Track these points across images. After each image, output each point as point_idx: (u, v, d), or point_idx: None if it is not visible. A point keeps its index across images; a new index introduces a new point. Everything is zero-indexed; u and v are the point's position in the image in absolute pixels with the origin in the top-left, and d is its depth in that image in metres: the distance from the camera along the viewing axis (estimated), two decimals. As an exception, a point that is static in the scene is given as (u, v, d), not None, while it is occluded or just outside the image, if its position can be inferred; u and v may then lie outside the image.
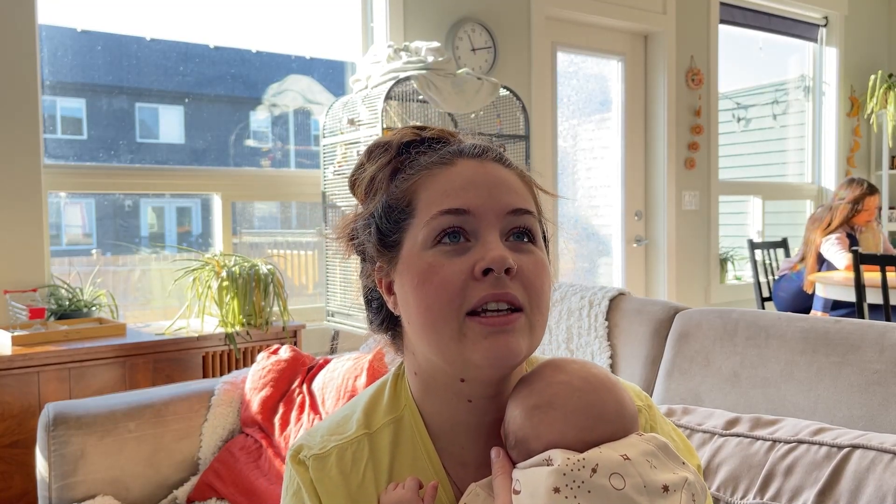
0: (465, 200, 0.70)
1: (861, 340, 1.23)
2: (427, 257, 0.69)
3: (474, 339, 0.67)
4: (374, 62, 2.86)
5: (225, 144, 3.20)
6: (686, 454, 0.78)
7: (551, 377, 0.70)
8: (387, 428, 0.77)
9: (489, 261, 0.67)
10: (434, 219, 0.70)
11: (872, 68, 5.34)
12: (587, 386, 0.69)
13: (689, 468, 0.68)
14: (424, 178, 0.73)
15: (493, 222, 0.70)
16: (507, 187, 0.72)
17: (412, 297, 0.70)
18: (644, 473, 0.64)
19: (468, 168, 0.73)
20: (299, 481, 0.75)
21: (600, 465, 0.64)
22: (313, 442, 0.77)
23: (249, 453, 1.83)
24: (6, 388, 2.09)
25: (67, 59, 2.81)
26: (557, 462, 0.64)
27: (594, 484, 0.63)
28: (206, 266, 2.59)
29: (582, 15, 3.93)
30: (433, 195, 0.71)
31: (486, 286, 0.67)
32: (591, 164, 4.29)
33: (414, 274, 0.70)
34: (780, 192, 5.20)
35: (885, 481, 1.00)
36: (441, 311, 0.68)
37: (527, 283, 0.69)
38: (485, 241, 0.69)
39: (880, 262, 3.11)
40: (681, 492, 0.65)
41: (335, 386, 1.83)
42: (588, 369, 0.71)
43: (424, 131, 0.78)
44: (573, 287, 1.86)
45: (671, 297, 4.31)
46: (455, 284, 0.67)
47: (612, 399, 0.69)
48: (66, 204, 2.88)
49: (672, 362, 1.49)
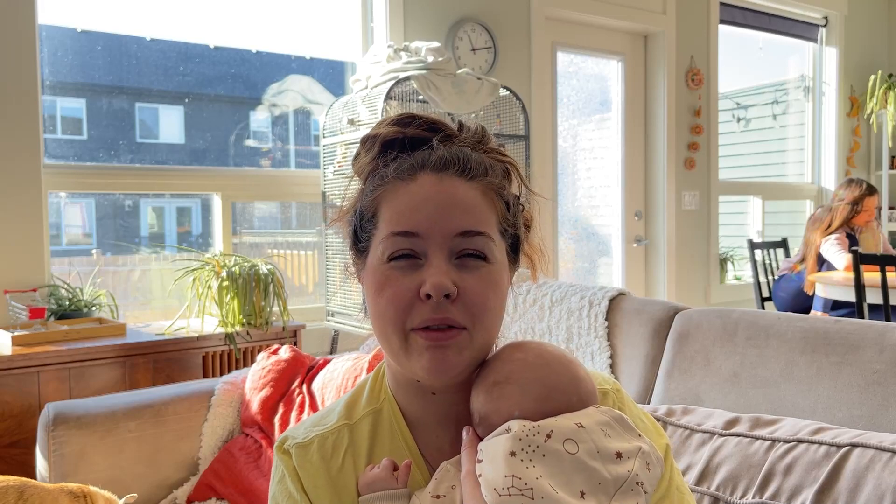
0: (415, 223, 0.73)
1: (861, 340, 1.23)
2: (384, 270, 0.74)
3: (417, 351, 0.73)
4: (374, 62, 2.86)
5: (225, 144, 3.20)
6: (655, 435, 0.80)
7: (509, 356, 0.75)
8: (366, 419, 0.82)
9: (428, 287, 0.71)
10: (388, 238, 0.74)
11: (872, 68, 5.34)
12: (541, 361, 0.74)
13: (644, 440, 0.72)
14: (388, 191, 0.77)
15: (440, 244, 0.73)
16: (460, 207, 0.74)
17: (370, 304, 0.76)
18: (598, 440, 0.68)
19: (425, 185, 0.75)
20: (283, 469, 0.80)
21: (555, 431, 0.68)
22: (297, 433, 0.82)
23: (249, 453, 1.83)
24: (6, 388, 2.09)
25: (67, 59, 2.81)
26: (514, 429, 0.68)
27: (548, 448, 0.66)
28: (206, 266, 2.59)
29: (582, 15, 3.94)
30: (391, 212, 0.75)
31: (427, 309, 0.72)
32: (591, 164, 4.29)
33: (372, 284, 0.75)
34: (780, 192, 5.20)
35: (884, 480, 1.00)
36: (391, 322, 0.73)
37: (469, 303, 0.72)
38: (430, 264, 0.73)
39: (880, 262, 3.11)
40: (634, 459, 0.68)
41: (335, 386, 1.83)
42: (544, 347, 0.76)
43: (409, 127, 0.79)
44: (573, 287, 1.86)
45: (671, 297, 4.31)
46: (403, 301, 0.72)
47: (566, 372, 0.74)
48: (66, 204, 2.88)
49: (672, 362, 1.49)
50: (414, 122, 0.80)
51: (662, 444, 0.80)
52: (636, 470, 0.67)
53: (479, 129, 0.82)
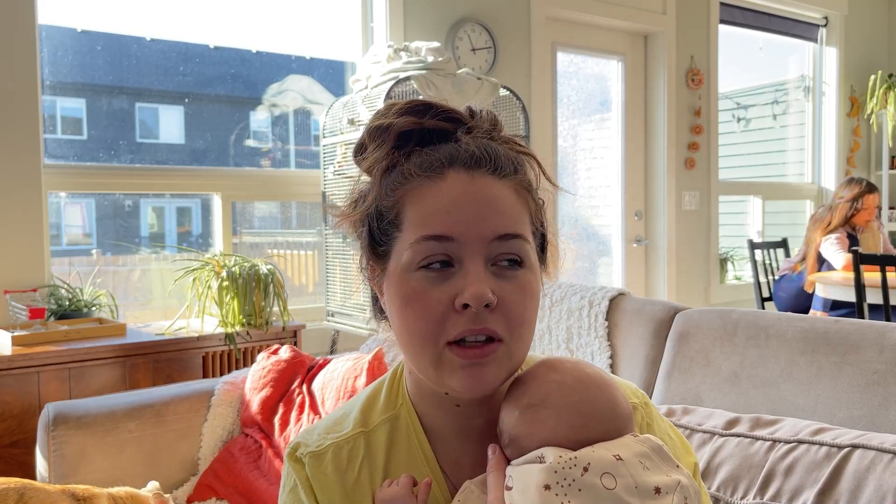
0: (449, 226, 0.68)
1: (861, 340, 1.23)
2: (412, 280, 0.69)
3: (451, 367, 0.68)
4: (374, 62, 2.86)
5: (225, 144, 3.20)
6: (682, 452, 0.78)
7: (545, 376, 0.71)
8: (383, 426, 0.77)
9: (467, 297, 0.66)
10: (418, 243, 0.68)
11: (872, 68, 5.34)
12: (580, 385, 0.70)
13: (682, 471, 0.68)
14: (413, 190, 0.70)
15: (477, 249, 0.68)
16: (495, 209, 0.69)
17: (396, 316, 0.71)
18: (636, 474, 0.64)
19: (457, 185, 0.69)
20: (296, 478, 0.76)
21: (592, 463, 0.64)
22: (310, 440, 0.78)
23: (249, 454, 1.83)
24: (6, 388, 2.09)
25: (67, 59, 2.81)
26: (549, 459, 0.64)
27: (585, 483, 0.63)
28: (206, 266, 2.59)
29: (582, 15, 3.93)
30: (419, 214, 0.69)
31: (464, 320, 0.67)
32: (591, 164, 4.29)
33: (397, 295, 0.70)
34: (780, 192, 5.20)
35: (885, 481, 1.00)
36: (423, 336, 0.68)
37: (508, 313, 0.68)
38: (467, 272, 0.67)
39: (880, 262, 3.11)
40: (673, 494, 0.65)
41: (335, 386, 1.83)
42: (581, 368, 0.71)
43: (426, 116, 0.73)
44: (573, 287, 1.86)
45: (671, 297, 4.31)
46: (436, 313, 0.67)
47: (604, 398, 0.69)
48: (66, 204, 2.88)
49: (672, 362, 1.49)
50: (431, 111, 0.73)
51: (691, 463, 0.78)
52: None
53: (491, 115, 0.76)
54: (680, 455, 0.77)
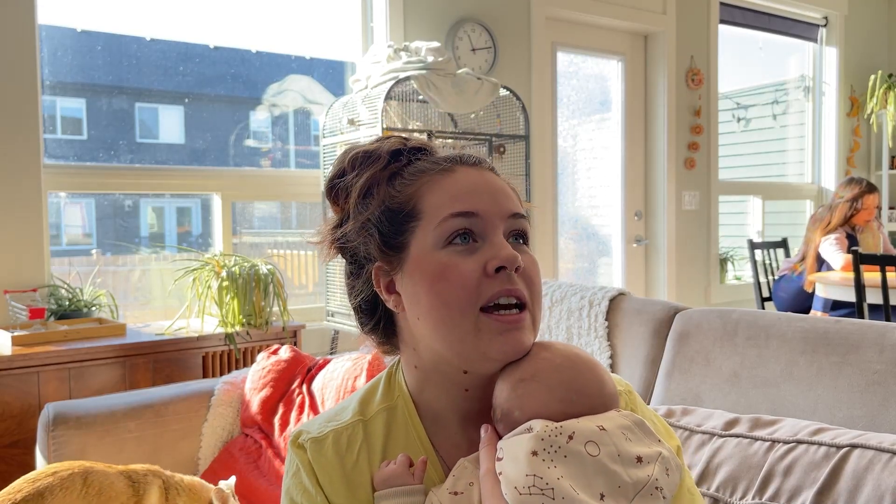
0: (473, 204, 0.75)
1: (861, 340, 1.23)
2: (440, 257, 0.74)
3: (490, 335, 0.73)
4: (374, 62, 2.86)
5: (225, 144, 3.20)
6: (665, 436, 0.81)
7: (537, 354, 0.75)
8: (380, 415, 0.82)
9: (502, 259, 0.73)
10: (445, 220, 0.75)
11: (872, 68, 5.34)
12: (569, 363, 0.74)
13: (664, 445, 0.72)
14: (427, 184, 0.78)
15: (497, 224, 0.76)
16: (504, 193, 0.79)
17: (425, 295, 0.75)
18: (619, 444, 0.68)
19: (469, 175, 0.78)
20: (298, 463, 0.80)
21: (577, 432, 0.68)
22: (312, 428, 0.82)
23: (249, 454, 1.83)
24: (6, 388, 2.09)
25: (67, 59, 2.81)
26: (537, 429, 0.68)
27: (570, 449, 0.67)
28: (206, 266, 2.59)
29: (582, 15, 3.93)
30: (440, 199, 0.76)
31: (498, 282, 0.73)
32: (591, 164, 4.29)
33: (427, 273, 0.75)
34: (780, 192, 5.20)
35: (884, 481, 1.00)
36: (458, 306, 0.73)
37: (529, 280, 0.75)
38: (492, 242, 0.75)
39: (880, 262, 3.11)
40: (654, 464, 0.68)
41: (335, 386, 1.83)
42: (571, 349, 0.76)
43: (408, 140, 0.83)
44: (573, 287, 1.86)
45: (671, 297, 4.31)
46: (471, 280, 0.73)
47: (592, 376, 0.74)
48: (66, 204, 2.88)
49: (672, 362, 1.49)
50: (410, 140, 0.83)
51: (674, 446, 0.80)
52: (656, 475, 0.68)
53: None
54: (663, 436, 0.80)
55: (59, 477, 1.40)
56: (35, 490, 1.36)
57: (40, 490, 1.37)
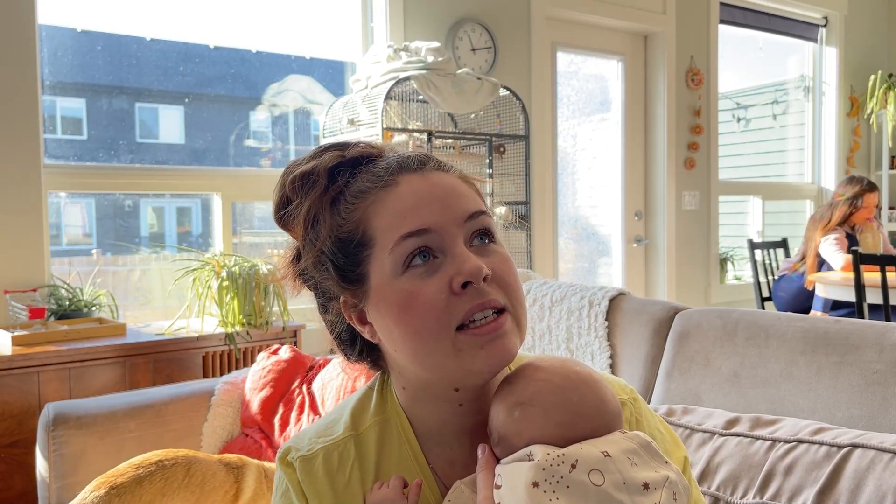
0: (423, 219, 0.69)
1: (861, 340, 1.23)
2: (402, 284, 0.69)
3: (471, 351, 0.68)
4: (374, 62, 2.86)
5: (225, 144, 3.20)
6: (672, 446, 0.78)
7: (532, 375, 0.71)
8: (373, 429, 0.78)
9: (466, 274, 0.67)
10: (398, 245, 0.69)
11: (872, 68, 5.34)
12: (567, 382, 0.70)
13: (671, 467, 0.68)
14: (373, 205, 0.72)
15: (455, 233, 0.70)
16: (456, 194, 0.72)
17: (395, 326, 0.70)
18: (624, 470, 0.65)
19: (413, 184, 0.72)
20: (287, 482, 0.77)
21: (580, 460, 0.64)
22: (301, 444, 0.78)
23: (249, 454, 1.82)
24: (6, 388, 2.09)
25: (67, 59, 2.81)
26: (537, 457, 0.64)
27: (573, 479, 0.63)
28: (206, 266, 2.59)
29: (582, 15, 3.94)
30: (389, 220, 0.70)
31: (468, 298, 0.68)
32: (590, 164, 4.29)
33: (392, 304, 0.69)
34: (780, 192, 5.20)
35: (885, 480, 1.00)
36: (431, 333, 0.68)
37: (502, 283, 0.70)
38: (453, 255, 0.69)
39: (880, 262, 3.11)
40: (661, 490, 0.65)
41: (335, 386, 1.83)
42: (569, 366, 0.72)
43: (346, 150, 0.76)
44: (573, 287, 1.86)
45: (671, 297, 4.31)
46: (438, 303, 0.67)
47: (592, 395, 0.70)
48: (66, 204, 2.88)
49: (672, 362, 1.49)
50: (349, 148, 0.76)
51: (681, 457, 0.78)
52: (663, 501, 0.64)
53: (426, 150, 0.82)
54: (670, 449, 0.77)
55: (161, 466, 1.44)
56: (136, 476, 1.41)
57: (141, 477, 1.41)
